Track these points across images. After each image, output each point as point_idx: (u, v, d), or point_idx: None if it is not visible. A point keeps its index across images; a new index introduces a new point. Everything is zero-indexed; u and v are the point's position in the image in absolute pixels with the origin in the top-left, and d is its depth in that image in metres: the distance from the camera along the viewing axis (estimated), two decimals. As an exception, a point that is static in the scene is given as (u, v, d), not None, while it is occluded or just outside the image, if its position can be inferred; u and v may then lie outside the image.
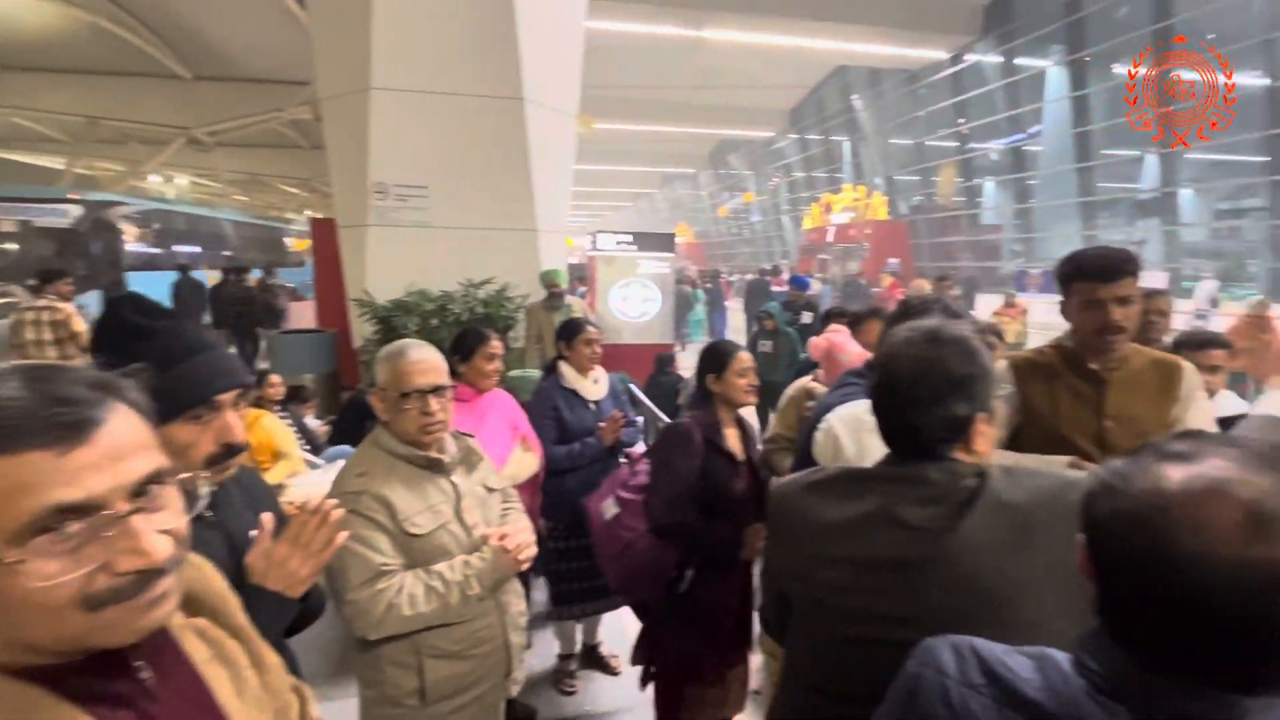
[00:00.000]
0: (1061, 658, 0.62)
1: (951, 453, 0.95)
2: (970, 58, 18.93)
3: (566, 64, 5.99)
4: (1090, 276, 1.48)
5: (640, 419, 4.08)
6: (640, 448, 2.82)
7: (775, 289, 9.49)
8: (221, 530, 1.03)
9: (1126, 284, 1.45)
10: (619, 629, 2.83)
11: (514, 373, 3.74)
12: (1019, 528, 0.90)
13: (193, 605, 0.69)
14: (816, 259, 24.40)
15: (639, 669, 2.04)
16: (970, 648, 0.67)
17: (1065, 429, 1.53)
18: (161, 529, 0.56)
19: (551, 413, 2.45)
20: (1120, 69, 15.63)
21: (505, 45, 5.24)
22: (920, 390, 0.92)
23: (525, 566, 1.50)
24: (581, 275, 10.46)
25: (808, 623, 1.04)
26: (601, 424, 2.50)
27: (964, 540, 0.90)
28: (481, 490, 1.57)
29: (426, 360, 1.47)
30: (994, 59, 18.35)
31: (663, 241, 7.32)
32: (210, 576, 0.74)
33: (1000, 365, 1.63)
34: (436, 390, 1.46)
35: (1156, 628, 0.54)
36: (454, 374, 2.21)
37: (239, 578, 0.94)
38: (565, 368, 2.55)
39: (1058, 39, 16.47)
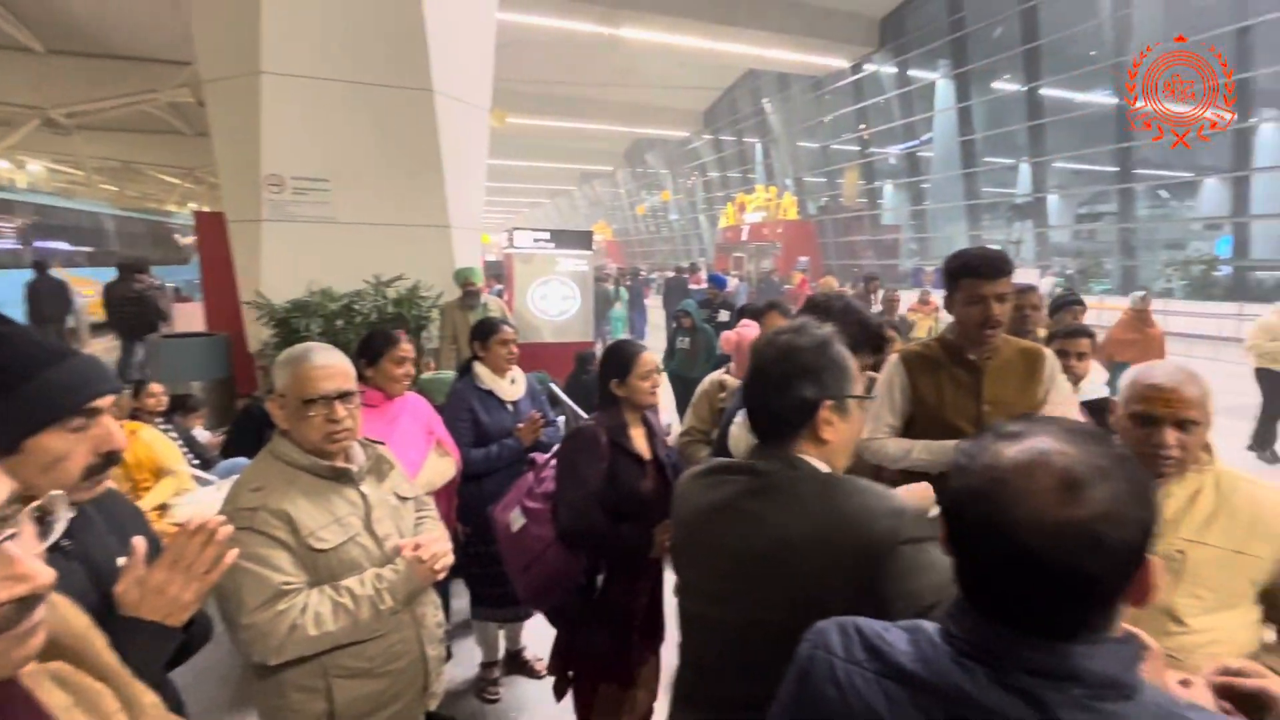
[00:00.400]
0: (931, 628, 0.67)
1: (798, 440, 1.01)
2: (869, 67, 20.11)
3: (478, 56, 5.83)
4: (975, 274, 1.64)
5: (561, 419, 4.05)
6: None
7: (693, 287, 9.67)
8: (82, 560, 0.92)
9: (1004, 282, 1.63)
10: (542, 633, 2.80)
11: (427, 375, 3.60)
12: (826, 535, 0.94)
13: (49, 648, 0.62)
14: (732, 257, 25.13)
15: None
16: (854, 626, 0.71)
17: (949, 414, 1.67)
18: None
19: (467, 415, 2.38)
20: (998, 84, 17.16)
21: (412, 34, 5.02)
22: (776, 374, 1.01)
23: (442, 576, 1.45)
24: (498, 273, 10.23)
25: (679, 601, 1.17)
26: (520, 425, 2.46)
27: (780, 534, 0.96)
28: (393, 499, 1.51)
29: (332, 365, 1.39)
30: (890, 70, 19.60)
31: (581, 239, 7.27)
32: (69, 615, 0.67)
33: (891, 359, 1.75)
34: (343, 396, 1.38)
35: (1001, 588, 0.60)
36: (361, 379, 2.10)
37: (105, 611, 0.85)
38: (480, 368, 2.48)
39: (944, 54, 17.83)
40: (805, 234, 22.67)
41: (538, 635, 2.76)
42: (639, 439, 1.93)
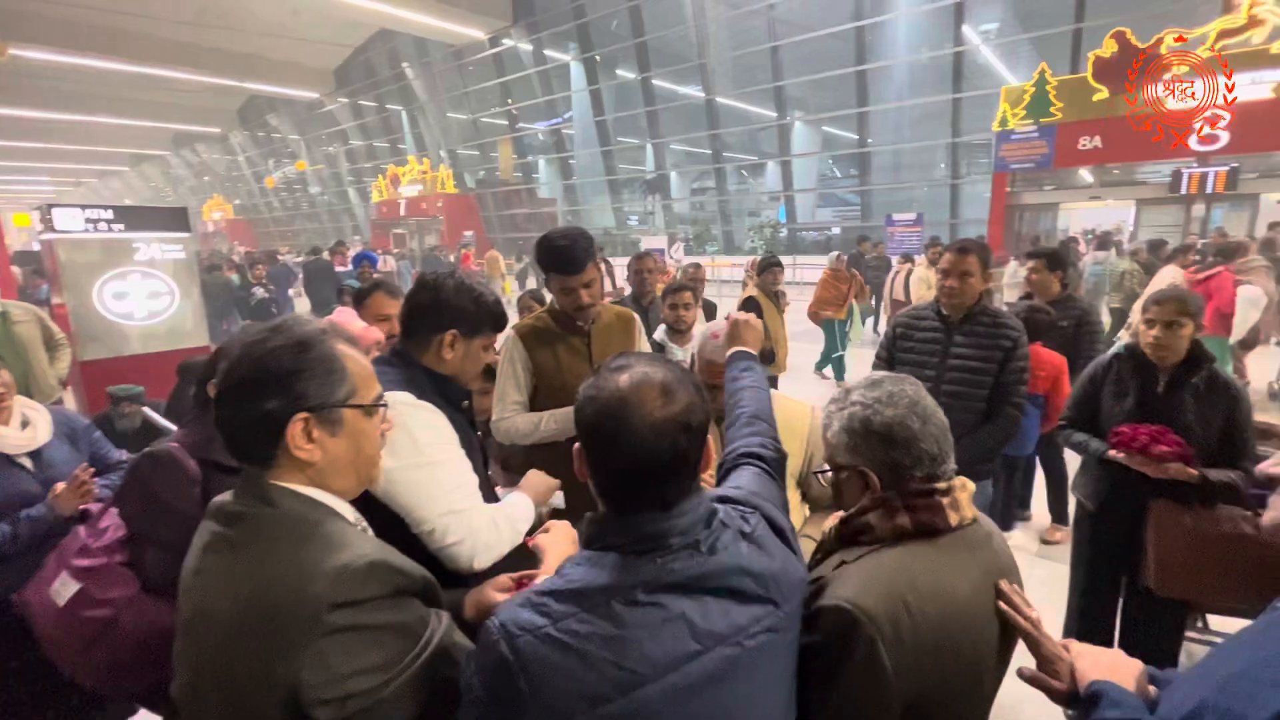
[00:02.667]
0: (587, 554, 0.77)
1: (278, 466, 0.83)
2: (507, 42, 20.44)
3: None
4: (559, 270, 1.71)
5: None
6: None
7: (339, 269, 8.59)
8: None
9: (589, 270, 1.73)
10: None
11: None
12: (246, 604, 0.75)
13: None
14: (393, 234, 23.37)
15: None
16: (534, 593, 0.74)
17: (570, 380, 1.77)
18: None
19: (-68, 488, 1.60)
20: (621, 71, 19.29)
21: None
22: (235, 384, 0.81)
23: None
24: (40, 268, 7.46)
25: None
26: (59, 486, 1.76)
27: (201, 602, 0.79)
28: None
29: None
30: (526, 46, 20.25)
31: (170, 218, 5.67)
32: None
33: (508, 335, 1.77)
34: None
35: (632, 482, 0.76)
36: None
37: None
38: (-50, 417, 1.68)
39: (573, 38, 19.18)
40: (467, 208, 22.35)
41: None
42: None
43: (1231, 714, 0.63)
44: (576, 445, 0.79)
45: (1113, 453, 1.94)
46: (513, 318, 2.18)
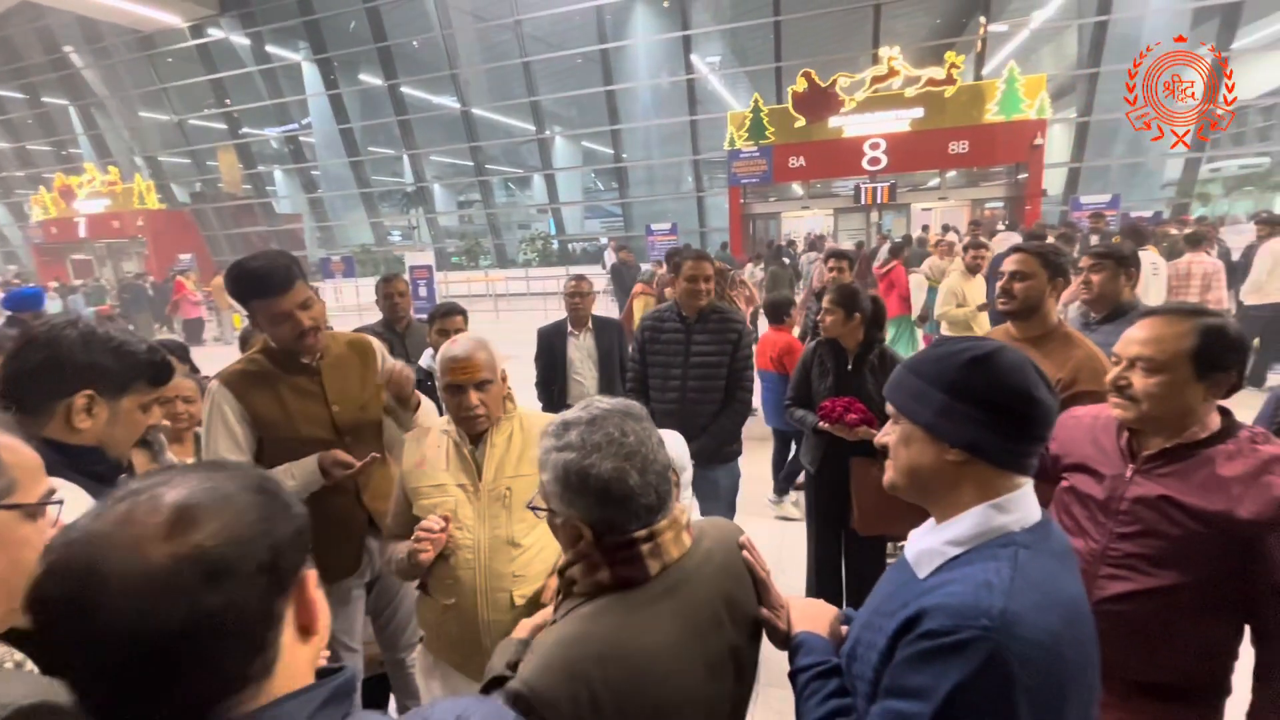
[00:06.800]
0: None
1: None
2: (215, 33, 17.54)
3: None
4: (264, 293, 1.45)
5: None
6: None
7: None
8: None
9: (298, 289, 1.48)
10: None
11: None
12: None
13: None
14: (71, 260, 18.57)
15: None
16: None
17: (303, 427, 1.53)
18: None
19: None
20: (364, 77, 17.79)
21: None
22: None
23: None
24: None
25: None
26: None
27: None
28: None
29: None
30: (242, 40, 17.61)
31: None
32: None
33: (210, 387, 1.49)
34: None
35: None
36: None
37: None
38: None
39: (302, 36, 17.18)
40: (181, 226, 18.70)
41: None
42: None
43: (872, 645, 0.78)
44: None
45: (821, 424, 2.33)
46: (236, 354, 1.83)
